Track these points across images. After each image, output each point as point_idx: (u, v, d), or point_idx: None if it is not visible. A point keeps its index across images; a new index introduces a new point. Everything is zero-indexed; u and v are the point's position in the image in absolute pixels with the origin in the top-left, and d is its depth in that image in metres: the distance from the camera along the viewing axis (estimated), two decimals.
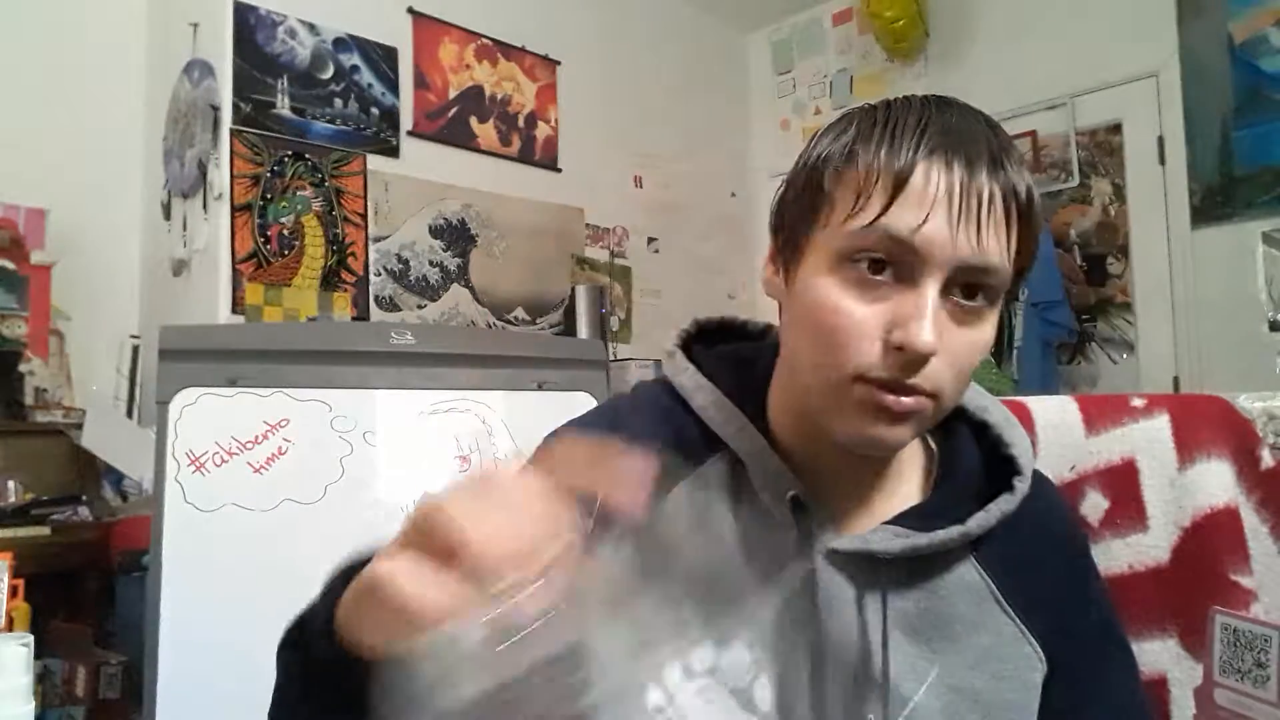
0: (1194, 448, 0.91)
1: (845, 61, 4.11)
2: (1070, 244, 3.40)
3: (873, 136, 0.62)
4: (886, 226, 0.59)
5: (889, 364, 0.60)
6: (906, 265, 0.60)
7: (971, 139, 0.61)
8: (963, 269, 0.60)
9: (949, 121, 0.62)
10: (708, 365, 0.75)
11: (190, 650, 1.28)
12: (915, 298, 0.59)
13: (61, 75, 2.75)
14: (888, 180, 0.60)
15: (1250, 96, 2.98)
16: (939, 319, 0.59)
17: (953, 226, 0.59)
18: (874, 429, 0.62)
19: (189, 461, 1.34)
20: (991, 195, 0.60)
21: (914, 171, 0.59)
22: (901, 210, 0.59)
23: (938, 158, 0.60)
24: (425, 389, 1.54)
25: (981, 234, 0.59)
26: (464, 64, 3.24)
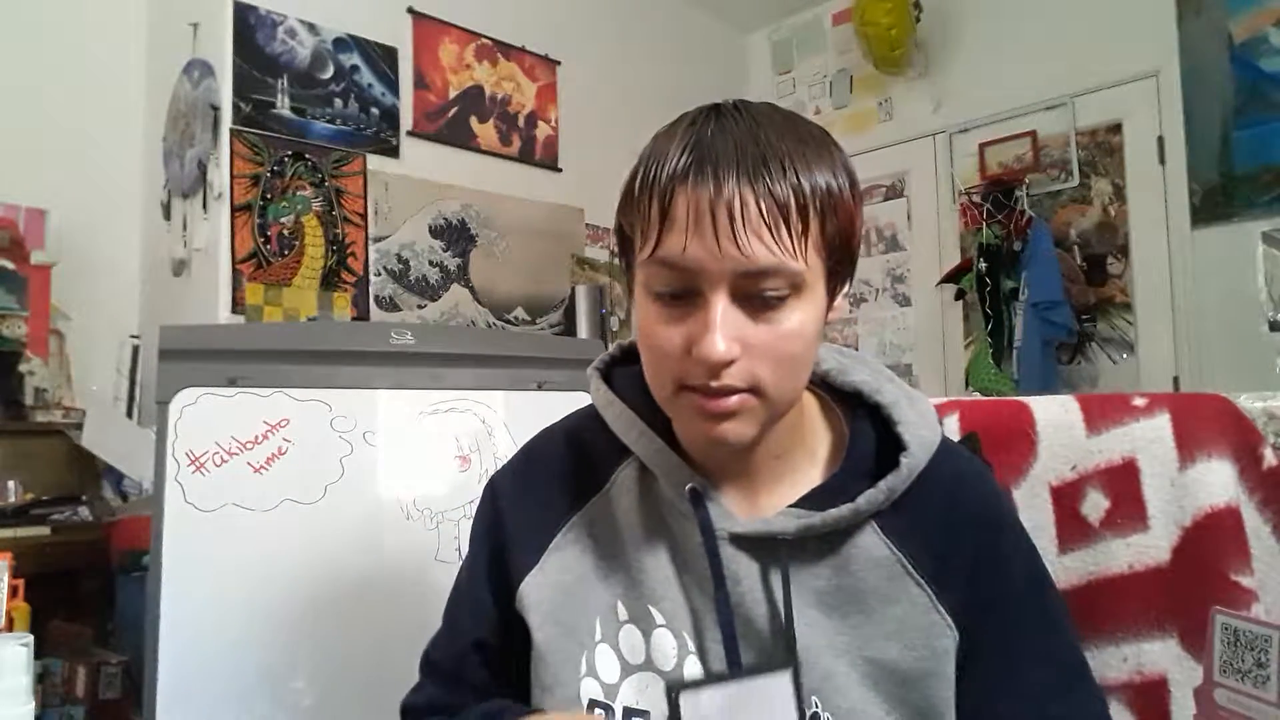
0: (1195, 447, 0.91)
1: (845, 61, 4.11)
2: (1070, 244, 3.40)
3: (643, 170, 0.69)
4: (661, 256, 0.66)
5: (698, 374, 0.66)
6: (689, 285, 0.66)
7: (722, 152, 0.64)
8: (741, 276, 0.64)
9: (705, 139, 0.66)
10: (620, 384, 0.82)
11: (190, 650, 1.28)
12: (704, 313, 0.65)
13: (61, 75, 2.75)
14: (655, 214, 0.66)
15: (1250, 96, 2.98)
16: (733, 324, 0.65)
17: (715, 240, 0.63)
18: (708, 429, 0.68)
19: (189, 461, 1.34)
20: (744, 204, 0.63)
21: (674, 199, 0.65)
22: (668, 237, 0.65)
23: (690, 180, 0.64)
24: (425, 389, 1.54)
25: (741, 242, 0.63)
26: (464, 64, 3.24)
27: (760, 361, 0.66)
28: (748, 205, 0.63)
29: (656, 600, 0.75)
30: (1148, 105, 3.23)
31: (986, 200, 3.46)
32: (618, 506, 0.80)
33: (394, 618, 1.39)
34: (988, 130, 3.61)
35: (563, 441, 0.86)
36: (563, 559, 0.79)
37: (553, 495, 0.82)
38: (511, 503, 0.83)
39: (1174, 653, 0.89)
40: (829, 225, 0.67)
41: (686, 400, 0.68)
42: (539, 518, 0.81)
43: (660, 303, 0.68)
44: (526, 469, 0.86)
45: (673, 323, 0.67)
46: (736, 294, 0.65)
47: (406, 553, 1.44)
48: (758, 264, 0.64)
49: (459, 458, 1.54)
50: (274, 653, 1.34)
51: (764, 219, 0.63)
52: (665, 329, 0.67)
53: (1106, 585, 0.94)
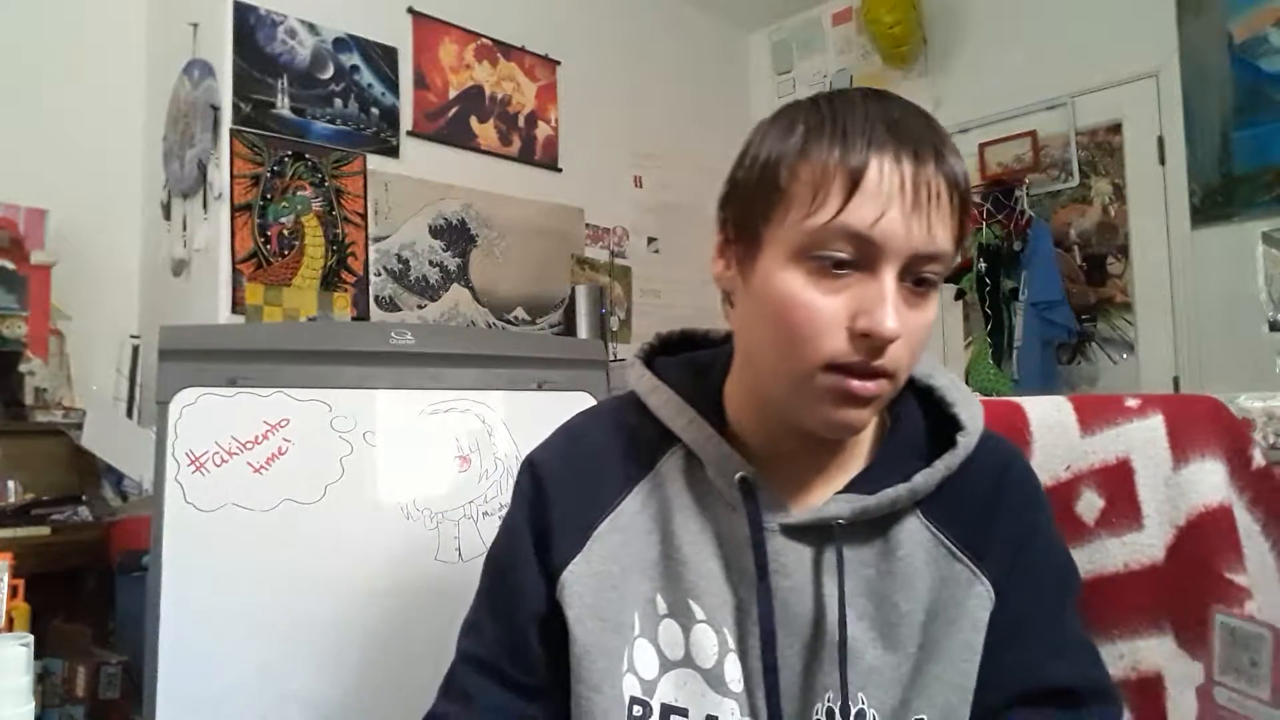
0: (1188, 447, 0.92)
1: (845, 61, 4.11)
2: (1070, 244, 3.41)
3: (823, 135, 0.64)
4: (846, 223, 0.62)
5: (856, 351, 0.63)
6: (865, 256, 0.63)
7: (916, 133, 0.64)
8: (916, 257, 0.63)
9: (892, 116, 0.65)
10: (665, 372, 0.80)
11: (190, 650, 1.28)
12: (876, 286, 0.63)
13: (61, 75, 2.75)
14: (844, 177, 0.62)
15: (1250, 96, 2.98)
16: (898, 304, 0.63)
17: (906, 218, 0.62)
18: (842, 414, 0.66)
19: (189, 461, 1.34)
20: (938, 187, 0.63)
21: (868, 167, 0.62)
22: (859, 206, 0.62)
23: (888, 152, 0.62)
24: (425, 389, 1.54)
25: (931, 224, 0.63)
26: (464, 64, 3.25)
27: (905, 348, 0.65)
28: (940, 188, 0.63)
29: (698, 595, 0.73)
30: (1148, 105, 3.23)
31: (986, 200, 3.46)
32: (663, 495, 0.77)
33: (394, 618, 1.39)
34: (988, 130, 3.61)
35: (610, 424, 0.82)
36: (606, 547, 0.75)
37: (599, 480, 0.78)
38: (557, 485, 0.79)
39: (1169, 650, 0.90)
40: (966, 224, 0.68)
41: (828, 380, 0.64)
42: (584, 503, 0.77)
43: (818, 271, 0.64)
44: (572, 451, 0.81)
45: (833, 293, 0.64)
46: (901, 273, 0.64)
47: (406, 553, 1.44)
48: (937, 247, 0.64)
49: (459, 458, 1.54)
50: (274, 653, 1.34)
51: (950, 205, 0.64)
52: (824, 299, 0.64)
53: (1102, 584, 0.94)
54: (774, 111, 0.71)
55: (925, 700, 0.69)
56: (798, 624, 0.71)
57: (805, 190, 0.64)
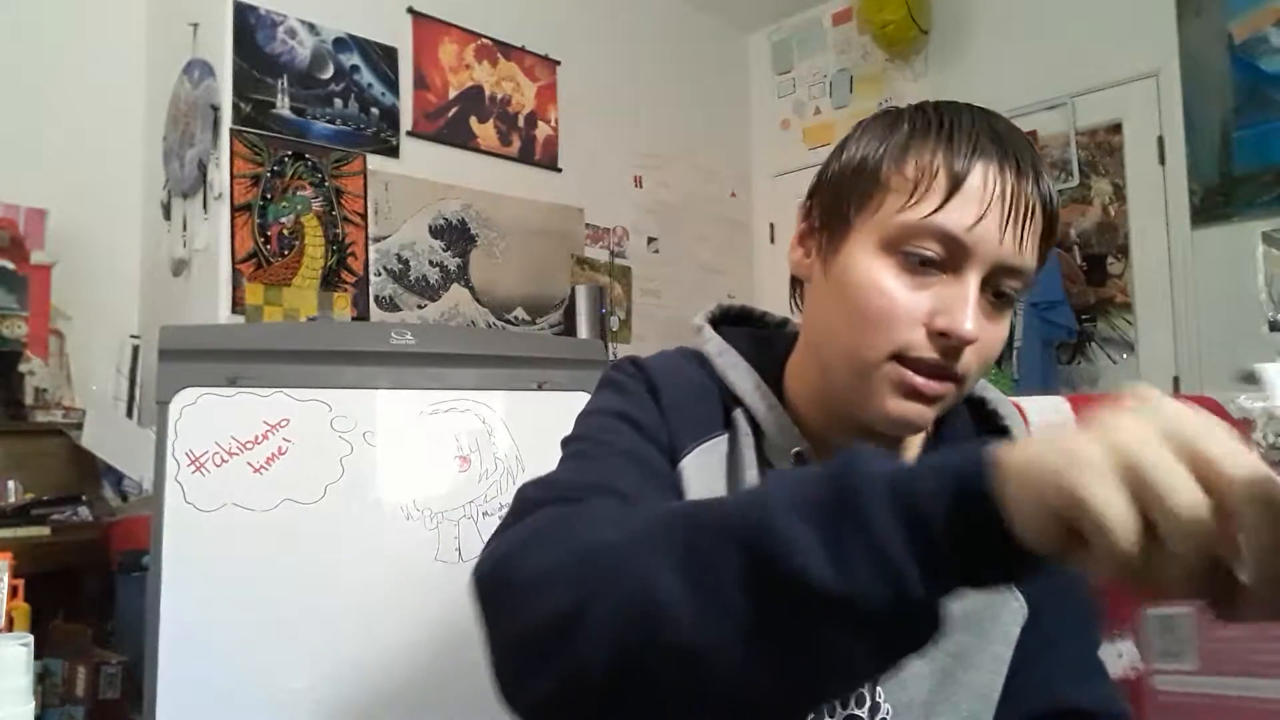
0: None
1: (845, 61, 4.11)
2: (1070, 244, 3.40)
3: (929, 134, 0.66)
4: (942, 222, 0.64)
5: (929, 347, 0.64)
6: (953, 258, 0.65)
7: (1020, 148, 0.66)
8: (1000, 268, 0.65)
9: (998, 129, 0.66)
10: (730, 339, 0.80)
11: (190, 650, 1.28)
12: (960, 288, 0.64)
13: (61, 75, 2.75)
14: (946, 178, 0.64)
15: (1250, 96, 2.98)
16: (978, 309, 0.64)
17: (1001, 228, 0.64)
18: (903, 409, 0.66)
19: (189, 461, 1.34)
20: (1033, 203, 0.65)
21: (971, 172, 0.64)
22: (957, 207, 0.64)
23: (992, 161, 0.64)
24: (425, 389, 1.54)
25: (1023, 237, 0.65)
26: (464, 64, 3.25)
27: (977, 356, 0.66)
28: (1035, 205, 0.65)
29: None
30: (1148, 105, 3.23)
31: None
32: (737, 451, 0.75)
33: (394, 618, 1.39)
34: None
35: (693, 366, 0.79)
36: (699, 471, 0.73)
37: (694, 411, 0.76)
38: (670, 389, 0.76)
39: None
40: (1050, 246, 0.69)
41: (892, 371, 0.65)
42: (683, 425, 0.75)
43: (905, 265, 0.65)
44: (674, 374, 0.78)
45: (916, 289, 0.65)
46: (984, 281, 0.65)
47: (406, 553, 1.44)
48: (1023, 262, 0.65)
49: (459, 458, 1.54)
50: (274, 653, 1.34)
51: (1042, 224, 0.66)
52: (906, 292, 0.65)
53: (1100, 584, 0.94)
54: (875, 114, 0.73)
55: (950, 706, 0.69)
56: None
57: (905, 184, 0.65)
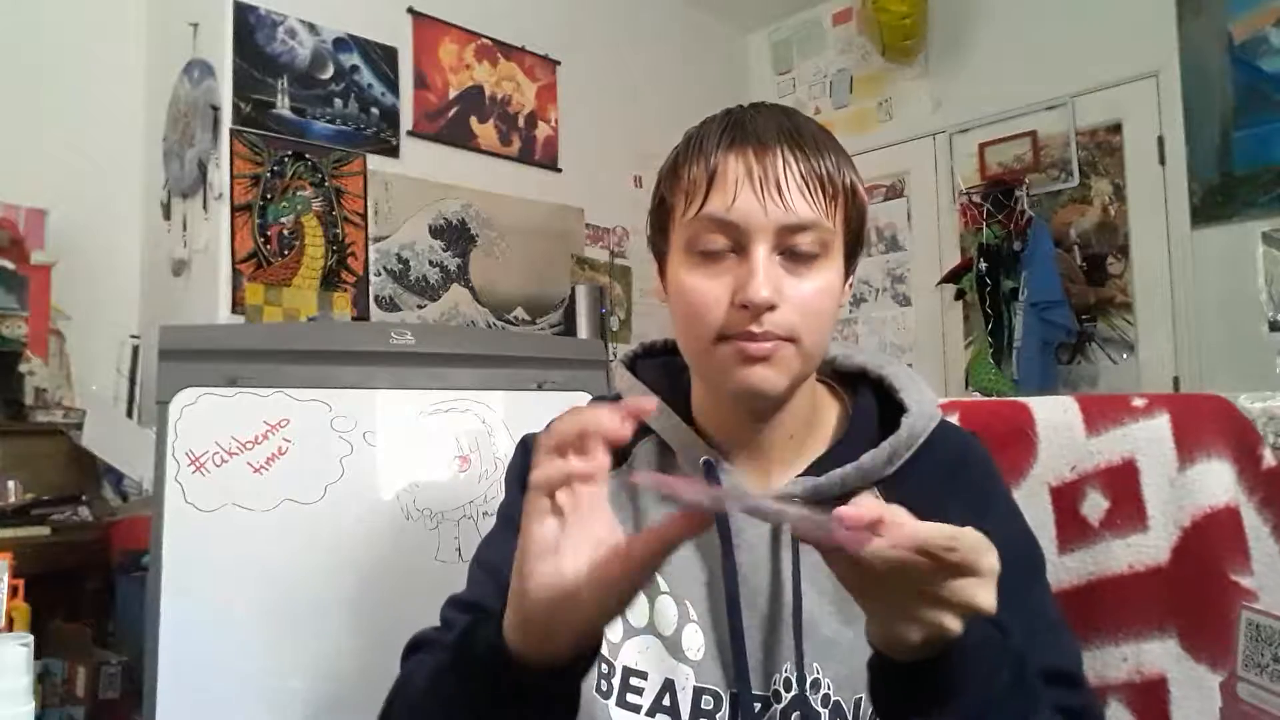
0: (1194, 448, 0.91)
1: (845, 61, 4.11)
2: (1070, 244, 3.40)
3: (689, 148, 0.77)
4: (709, 212, 0.73)
5: (740, 321, 0.72)
6: (736, 240, 0.73)
7: (763, 128, 0.75)
8: (783, 230, 0.72)
9: (747, 119, 0.76)
10: (643, 373, 0.89)
11: (190, 650, 1.28)
12: (748, 263, 0.72)
13: (61, 75, 2.75)
14: (703, 176, 0.74)
15: (1250, 96, 2.98)
16: (774, 275, 0.72)
17: (759, 197, 0.72)
18: (745, 375, 0.73)
19: (189, 461, 1.33)
20: (788, 168, 0.73)
21: (720, 163, 0.74)
22: (716, 196, 0.73)
23: (735, 148, 0.74)
24: (425, 389, 1.54)
25: (785, 197, 0.72)
26: (464, 64, 3.25)
27: (796, 313, 0.72)
28: (790, 165, 0.73)
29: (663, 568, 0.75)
30: (1148, 105, 3.23)
31: (986, 200, 3.46)
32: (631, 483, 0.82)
33: (394, 618, 1.39)
34: (988, 130, 3.61)
35: None
36: None
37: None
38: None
39: (1173, 652, 0.89)
40: (851, 207, 0.76)
41: (725, 349, 0.73)
42: None
43: (702, 259, 0.74)
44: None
45: (716, 276, 0.74)
46: (776, 249, 0.72)
47: (406, 553, 1.44)
48: (799, 218, 0.72)
49: (459, 458, 1.54)
50: (274, 653, 1.34)
51: (804, 179, 0.73)
52: (708, 282, 0.74)
53: (1106, 585, 0.94)
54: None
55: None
56: (757, 598, 0.77)
57: (681, 197, 0.76)
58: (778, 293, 0.71)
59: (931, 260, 3.78)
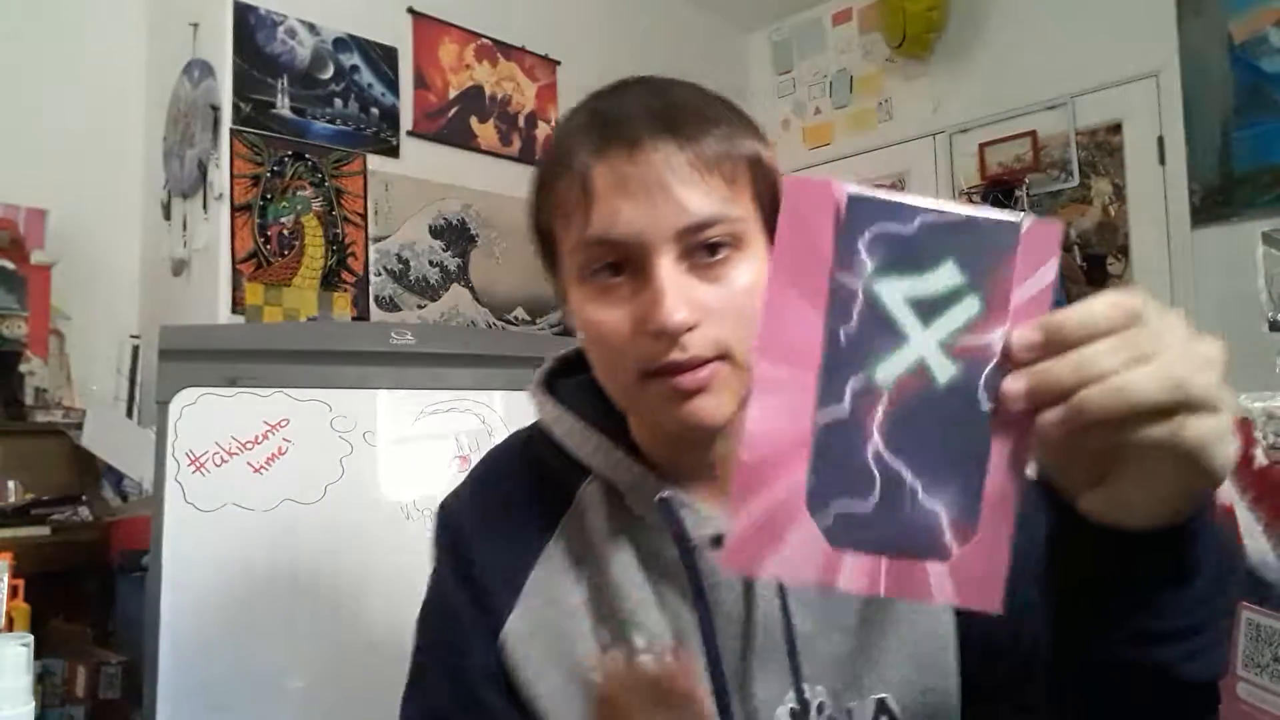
0: None
1: (845, 61, 4.11)
2: (1070, 244, 3.40)
3: (553, 170, 0.67)
4: (593, 234, 0.62)
5: (659, 351, 0.61)
6: (632, 257, 0.62)
7: (631, 118, 0.63)
8: (682, 234, 0.61)
9: (610, 112, 0.65)
10: (566, 396, 0.76)
11: (190, 650, 1.28)
12: (651, 283, 0.61)
13: (61, 75, 2.75)
14: (575, 194, 0.63)
15: (1250, 96, 2.98)
16: (684, 289, 0.61)
17: (645, 205, 0.61)
18: (683, 412, 0.63)
19: (189, 461, 1.34)
20: (668, 155, 0.61)
21: (589, 176, 0.62)
22: (597, 214, 0.62)
23: (605, 152, 0.62)
24: (425, 389, 1.54)
25: (676, 195, 0.61)
26: (464, 64, 3.25)
27: (722, 324, 0.62)
28: (672, 156, 0.61)
29: (636, 624, 0.70)
30: (1148, 105, 3.23)
31: (986, 200, 3.46)
32: (587, 527, 0.74)
33: (393, 618, 1.39)
34: (988, 130, 3.61)
35: (514, 463, 0.80)
36: (541, 597, 0.73)
37: (519, 524, 0.75)
38: (474, 539, 0.76)
39: None
40: (758, 180, 0.65)
41: (654, 387, 0.63)
42: (508, 555, 0.74)
43: (600, 288, 0.64)
44: (485, 497, 0.79)
45: (618, 305, 0.63)
46: (681, 256, 0.62)
47: (406, 553, 1.44)
48: (696, 216, 0.61)
49: (459, 458, 1.55)
50: (274, 652, 1.34)
51: (693, 167, 0.61)
52: (611, 313, 0.63)
53: None
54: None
55: (877, 677, 0.68)
56: (743, 630, 0.69)
57: (560, 222, 0.66)
58: (694, 308, 0.61)
59: None
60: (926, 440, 0.43)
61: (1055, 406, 0.40)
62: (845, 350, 0.43)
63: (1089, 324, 0.41)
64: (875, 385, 0.43)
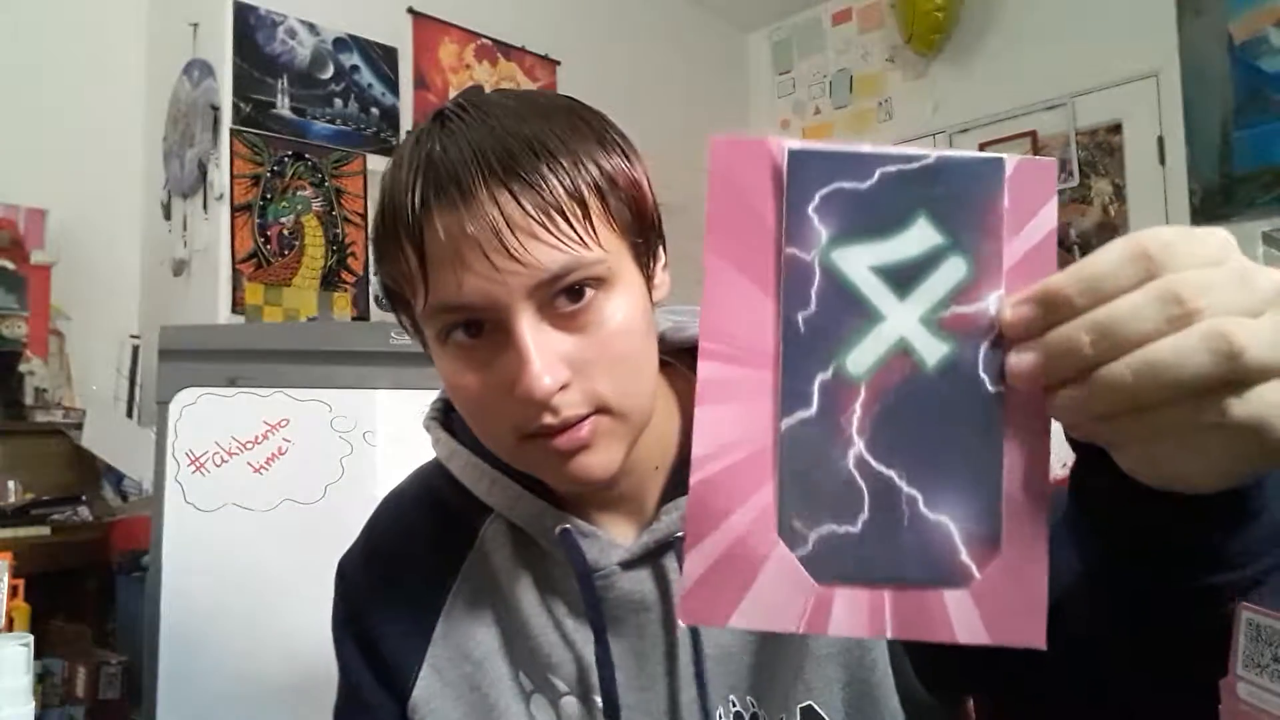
0: None
1: (845, 61, 4.11)
2: (1070, 244, 3.40)
3: (386, 214, 0.59)
4: (437, 303, 0.56)
5: (531, 416, 0.56)
6: (489, 318, 0.56)
7: (454, 164, 0.55)
8: (536, 289, 0.55)
9: (436, 155, 0.56)
10: (462, 429, 0.71)
11: (190, 650, 1.28)
12: (513, 347, 0.55)
13: (61, 75, 2.75)
14: (413, 258, 0.56)
15: (1250, 96, 2.99)
16: (549, 346, 0.56)
17: (487, 266, 0.54)
18: (576, 468, 0.59)
19: (189, 461, 1.34)
20: (505, 211, 0.54)
21: (425, 235, 0.55)
22: (437, 280, 0.56)
23: (437, 205, 0.55)
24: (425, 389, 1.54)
25: (519, 254, 0.54)
26: (464, 64, 3.25)
27: (595, 376, 0.57)
28: (509, 210, 0.54)
29: (554, 666, 0.67)
30: (1148, 105, 3.23)
31: None
32: (492, 567, 0.70)
33: None
34: (988, 130, 3.62)
35: (412, 507, 0.77)
36: (450, 648, 0.70)
37: (419, 574, 0.72)
38: (370, 594, 0.73)
39: None
40: (612, 201, 0.59)
41: (533, 448, 0.58)
42: (409, 613, 0.71)
43: (459, 350, 0.58)
44: (379, 549, 0.76)
45: (482, 368, 0.57)
46: (539, 309, 0.56)
47: None
48: (549, 270, 0.54)
49: None
50: (273, 653, 1.34)
51: (534, 218, 0.54)
52: (476, 377, 0.58)
53: None
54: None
55: (802, 685, 0.63)
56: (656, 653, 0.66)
57: (405, 283, 0.59)
58: (561, 367, 0.55)
59: None
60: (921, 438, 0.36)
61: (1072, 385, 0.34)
62: (806, 339, 0.36)
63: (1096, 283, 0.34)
64: (848, 378, 0.36)
